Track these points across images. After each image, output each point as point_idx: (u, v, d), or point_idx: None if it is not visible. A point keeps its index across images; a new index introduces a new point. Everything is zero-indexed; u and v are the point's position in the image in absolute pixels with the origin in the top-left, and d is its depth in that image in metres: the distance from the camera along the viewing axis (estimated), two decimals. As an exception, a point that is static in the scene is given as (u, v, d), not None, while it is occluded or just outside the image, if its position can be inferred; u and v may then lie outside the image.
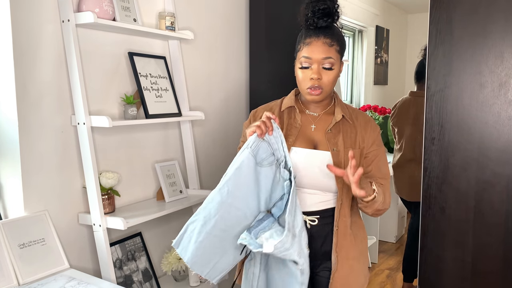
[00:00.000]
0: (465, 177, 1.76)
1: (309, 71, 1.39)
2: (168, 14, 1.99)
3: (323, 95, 1.42)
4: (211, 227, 1.29)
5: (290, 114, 1.50)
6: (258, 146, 1.32)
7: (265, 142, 1.33)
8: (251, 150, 1.32)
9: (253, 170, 1.32)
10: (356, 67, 4.89)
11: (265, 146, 1.33)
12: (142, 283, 1.92)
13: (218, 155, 2.47)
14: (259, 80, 2.54)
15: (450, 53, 1.75)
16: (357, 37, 4.86)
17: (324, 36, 1.39)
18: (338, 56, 1.41)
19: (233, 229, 1.30)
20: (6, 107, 1.55)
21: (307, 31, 1.42)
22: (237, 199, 1.31)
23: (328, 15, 1.39)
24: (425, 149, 1.82)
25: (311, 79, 1.38)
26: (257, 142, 1.32)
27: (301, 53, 1.41)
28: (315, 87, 1.39)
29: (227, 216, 1.30)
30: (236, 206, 1.31)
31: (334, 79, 1.42)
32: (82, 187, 1.75)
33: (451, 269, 1.81)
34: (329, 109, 1.50)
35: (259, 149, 1.32)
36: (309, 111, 1.50)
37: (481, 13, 1.68)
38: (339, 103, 1.51)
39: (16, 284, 1.44)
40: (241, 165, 1.32)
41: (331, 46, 1.38)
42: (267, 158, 1.33)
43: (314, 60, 1.38)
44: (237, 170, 1.32)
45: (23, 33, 1.53)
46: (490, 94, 1.70)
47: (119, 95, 1.89)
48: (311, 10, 1.39)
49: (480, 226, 1.75)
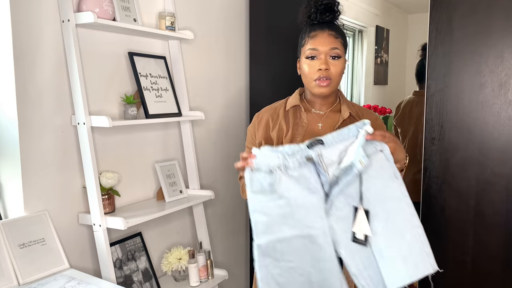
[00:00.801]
0: (465, 177, 1.76)
1: (316, 61, 1.39)
2: (168, 14, 1.99)
3: (331, 87, 1.41)
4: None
5: (296, 113, 1.49)
6: (253, 179, 1.22)
7: (255, 172, 1.22)
8: (252, 191, 1.22)
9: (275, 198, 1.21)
10: (356, 67, 4.88)
11: (258, 175, 1.23)
12: (142, 283, 1.92)
13: (218, 155, 2.47)
14: (259, 80, 2.54)
15: (450, 53, 1.75)
16: (357, 37, 4.86)
17: (329, 29, 1.41)
18: (343, 49, 1.43)
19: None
20: (6, 107, 1.55)
21: (311, 26, 1.44)
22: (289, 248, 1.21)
23: (330, 10, 1.42)
24: (425, 149, 1.83)
25: (319, 70, 1.38)
26: (252, 177, 1.22)
27: (307, 46, 1.41)
28: (323, 78, 1.38)
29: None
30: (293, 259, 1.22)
31: (341, 70, 1.42)
32: (82, 187, 1.75)
33: (451, 269, 1.81)
34: (335, 107, 1.50)
35: (256, 181, 1.22)
36: (315, 110, 1.49)
37: (481, 13, 1.68)
38: (345, 101, 1.51)
39: (16, 284, 1.44)
40: (256, 209, 1.22)
41: (337, 38, 1.41)
42: (265, 177, 1.22)
43: (321, 51, 1.39)
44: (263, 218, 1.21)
45: (23, 33, 1.53)
46: (490, 94, 1.70)
47: (119, 95, 1.89)
48: (314, 6, 1.41)
49: (480, 226, 1.75)
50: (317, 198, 1.21)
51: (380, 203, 1.20)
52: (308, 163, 1.21)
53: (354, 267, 1.20)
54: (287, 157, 1.22)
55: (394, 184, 1.20)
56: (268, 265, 1.22)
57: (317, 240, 1.21)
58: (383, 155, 1.21)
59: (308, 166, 1.22)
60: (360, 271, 1.20)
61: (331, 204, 1.22)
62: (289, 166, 1.21)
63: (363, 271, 1.20)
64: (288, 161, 1.21)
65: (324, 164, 1.20)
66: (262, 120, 1.51)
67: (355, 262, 1.20)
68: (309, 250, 1.22)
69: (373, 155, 1.20)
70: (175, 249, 2.04)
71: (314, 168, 1.22)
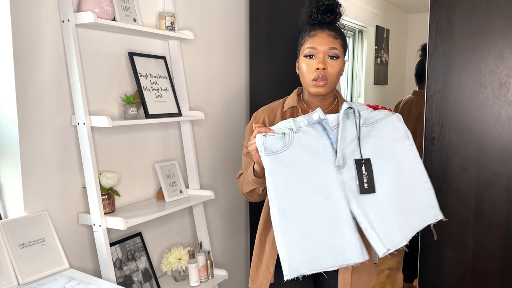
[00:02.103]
0: (465, 177, 1.76)
1: (314, 60, 1.40)
2: (168, 14, 1.99)
3: (328, 88, 1.41)
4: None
5: (293, 114, 1.50)
6: (266, 143, 1.26)
7: (268, 136, 1.27)
8: (267, 153, 1.26)
9: (284, 161, 1.26)
10: (356, 67, 4.89)
11: (270, 138, 1.27)
12: (142, 283, 1.92)
13: (218, 155, 2.47)
14: (259, 80, 2.54)
15: (450, 53, 1.75)
16: (357, 37, 4.86)
17: (329, 29, 1.42)
18: (342, 50, 1.43)
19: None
20: (6, 106, 1.55)
21: (311, 26, 1.45)
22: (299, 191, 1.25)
23: (331, 11, 1.42)
24: (425, 149, 1.83)
25: (317, 69, 1.39)
26: (264, 142, 1.27)
27: (306, 45, 1.42)
28: (321, 77, 1.39)
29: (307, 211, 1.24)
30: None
31: (339, 71, 1.42)
32: (82, 187, 1.75)
33: (451, 269, 1.81)
34: (333, 108, 1.50)
35: (269, 144, 1.26)
36: (312, 111, 1.50)
37: (481, 13, 1.68)
38: (343, 101, 1.51)
39: (16, 284, 1.44)
40: (273, 170, 1.25)
41: (336, 39, 1.41)
42: (278, 139, 1.27)
43: (320, 50, 1.39)
44: (275, 179, 1.25)
45: (23, 33, 1.53)
46: (490, 94, 1.70)
47: (119, 95, 1.89)
48: (315, 6, 1.42)
49: (480, 226, 1.75)
50: (328, 155, 1.29)
51: (390, 160, 1.30)
52: (316, 124, 1.30)
53: (365, 222, 1.24)
54: (297, 120, 1.30)
55: (406, 143, 1.31)
56: (289, 231, 1.23)
57: (330, 196, 1.26)
58: (396, 116, 1.33)
59: (316, 127, 1.30)
60: (371, 226, 1.24)
61: (344, 163, 1.29)
62: (300, 127, 1.29)
63: (374, 226, 1.24)
64: (298, 122, 1.29)
65: (329, 124, 1.29)
66: (260, 120, 1.52)
67: (366, 218, 1.25)
68: (324, 208, 1.25)
69: (387, 117, 1.33)
70: (175, 249, 2.04)
71: (323, 128, 1.30)
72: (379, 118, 1.32)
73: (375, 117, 1.32)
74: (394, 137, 1.31)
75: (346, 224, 1.24)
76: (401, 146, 1.31)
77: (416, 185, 1.29)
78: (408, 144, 1.31)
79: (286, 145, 1.26)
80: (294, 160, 1.26)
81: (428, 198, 1.29)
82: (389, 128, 1.32)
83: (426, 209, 1.29)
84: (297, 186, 1.25)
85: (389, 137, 1.31)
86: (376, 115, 1.32)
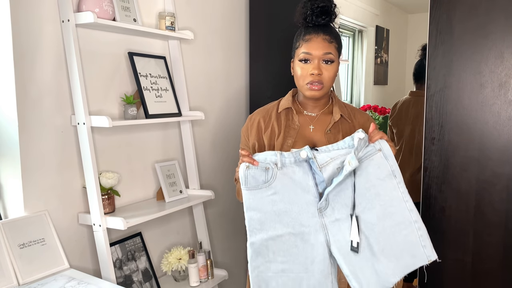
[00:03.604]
0: (465, 177, 1.76)
1: (309, 65, 1.39)
2: (168, 14, 1.99)
3: (323, 91, 1.41)
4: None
5: (288, 115, 1.50)
6: (248, 176, 1.27)
7: (251, 169, 1.28)
8: (247, 188, 1.27)
9: (265, 196, 1.27)
10: (356, 67, 4.89)
11: (253, 171, 1.28)
12: (142, 283, 1.92)
13: (218, 155, 2.47)
14: (259, 80, 2.54)
15: (450, 53, 1.75)
16: (357, 37, 4.86)
17: (324, 33, 1.40)
18: (336, 54, 1.43)
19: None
20: (6, 107, 1.55)
21: (306, 29, 1.43)
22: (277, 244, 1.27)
23: (326, 13, 1.41)
24: (425, 149, 1.82)
25: (311, 74, 1.38)
26: (246, 174, 1.27)
27: (301, 49, 1.41)
28: (316, 82, 1.39)
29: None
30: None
31: (334, 75, 1.42)
32: (82, 187, 1.75)
33: (451, 269, 1.81)
34: (327, 109, 1.50)
35: (251, 177, 1.27)
36: (307, 112, 1.50)
37: (481, 13, 1.68)
38: (337, 102, 1.51)
39: (16, 284, 1.44)
40: (249, 206, 1.28)
41: (331, 43, 1.40)
42: (261, 174, 1.27)
43: (314, 56, 1.39)
44: (253, 215, 1.28)
45: (23, 33, 1.53)
46: (490, 94, 1.70)
47: (119, 95, 1.89)
48: (310, 8, 1.40)
49: (480, 226, 1.75)
50: (310, 196, 1.26)
51: (375, 201, 1.25)
52: (303, 162, 1.27)
53: (347, 268, 1.23)
54: (284, 155, 1.27)
55: (392, 182, 1.26)
56: (259, 266, 1.25)
57: (309, 239, 1.25)
58: (382, 154, 1.27)
59: (303, 166, 1.27)
60: (353, 272, 1.23)
61: (326, 205, 1.26)
62: (285, 163, 1.26)
63: (357, 272, 1.23)
64: (284, 158, 1.27)
65: (318, 164, 1.25)
66: (255, 122, 1.51)
67: (348, 264, 1.23)
68: (301, 250, 1.25)
69: (372, 155, 1.27)
70: (175, 249, 2.04)
71: (309, 168, 1.27)
72: (363, 156, 1.26)
73: (359, 155, 1.27)
74: (379, 176, 1.26)
75: (319, 268, 1.24)
76: (387, 185, 1.25)
77: (404, 226, 1.24)
78: (395, 183, 1.25)
79: (268, 181, 1.26)
80: (274, 198, 1.26)
81: (419, 238, 1.24)
82: (373, 167, 1.26)
83: (417, 249, 1.24)
84: (272, 225, 1.25)
85: (374, 177, 1.26)
86: (361, 153, 1.26)
